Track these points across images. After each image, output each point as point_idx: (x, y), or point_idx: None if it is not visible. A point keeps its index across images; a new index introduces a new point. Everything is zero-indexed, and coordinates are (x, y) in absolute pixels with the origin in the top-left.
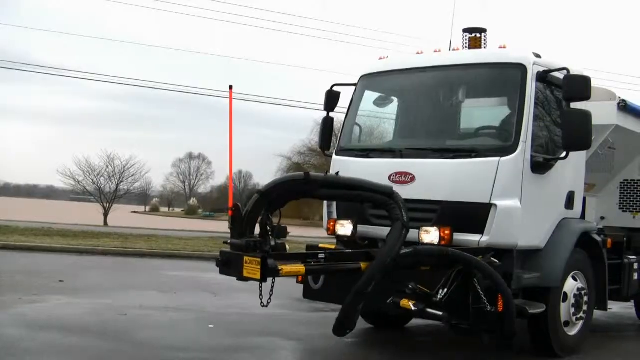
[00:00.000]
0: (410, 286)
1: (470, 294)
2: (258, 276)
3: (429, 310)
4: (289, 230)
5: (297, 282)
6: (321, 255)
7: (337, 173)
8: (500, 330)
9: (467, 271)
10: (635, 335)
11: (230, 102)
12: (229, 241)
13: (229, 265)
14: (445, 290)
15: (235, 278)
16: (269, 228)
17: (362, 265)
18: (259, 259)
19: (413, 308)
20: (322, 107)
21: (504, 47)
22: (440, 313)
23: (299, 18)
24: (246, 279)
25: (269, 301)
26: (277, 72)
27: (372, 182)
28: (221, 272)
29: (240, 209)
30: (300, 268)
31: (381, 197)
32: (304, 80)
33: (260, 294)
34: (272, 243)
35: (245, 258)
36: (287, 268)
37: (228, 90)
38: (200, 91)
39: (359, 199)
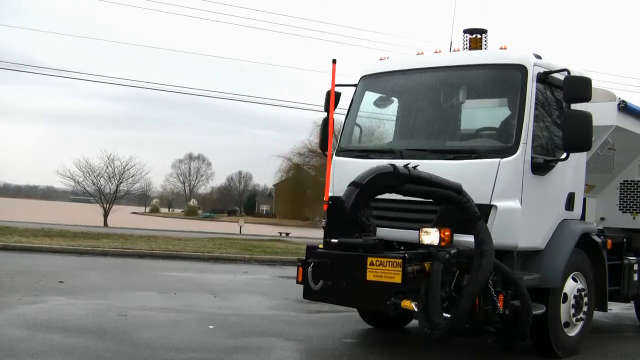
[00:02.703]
0: (447, 289)
1: (481, 295)
2: (398, 279)
3: None
4: (289, 231)
5: (297, 282)
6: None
7: (416, 167)
8: (512, 332)
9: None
10: (635, 336)
11: (332, 77)
12: (335, 240)
13: (340, 268)
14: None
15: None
16: (365, 225)
17: (426, 265)
18: (399, 260)
19: (416, 309)
20: (321, 108)
21: (505, 48)
22: (446, 314)
23: (299, 19)
24: (369, 284)
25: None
26: (277, 72)
27: (443, 178)
28: (320, 278)
29: (342, 203)
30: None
31: (455, 194)
32: (304, 81)
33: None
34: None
35: (371, 259)
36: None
37: (332, 65)
38: (200, 92)
39: (436, 195)
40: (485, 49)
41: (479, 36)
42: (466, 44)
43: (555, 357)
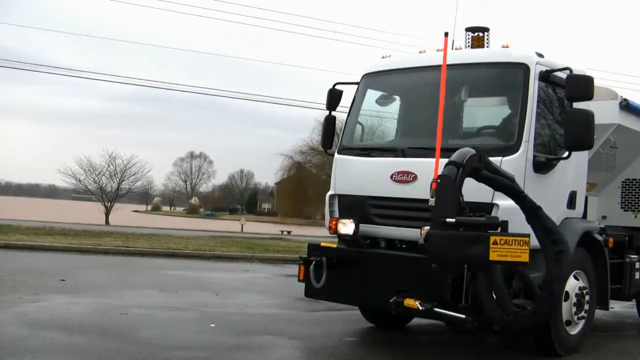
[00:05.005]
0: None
1: (494, 292)
2: (526, 258)
3: (437, 309)
4: (290, 229)
5: (299, 280)
6: None
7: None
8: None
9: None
10: (637, 335)
11: (445, 51)
12: (452, 220)
13: (457, 247)
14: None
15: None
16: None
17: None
18: (527, 238)
19: (420, 308)
20: (323, 106)
21: (507, 47)
22: (449, 312)
23: (299, 17)
24: (492, 264)
25: None
26: (278, 71)
27: (500, 167)
28: (432, 254)
29: (452, 181)
30: None
31: (513, 184)
32: (305, 80)
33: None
34: None
35: (494, 238)
36: None
37: (444, 37)
38: (202, 90)
39: (499, 183)
40: (487, 47)
41: (481, 34)
42: (468, 43)
43: (557, 355)
